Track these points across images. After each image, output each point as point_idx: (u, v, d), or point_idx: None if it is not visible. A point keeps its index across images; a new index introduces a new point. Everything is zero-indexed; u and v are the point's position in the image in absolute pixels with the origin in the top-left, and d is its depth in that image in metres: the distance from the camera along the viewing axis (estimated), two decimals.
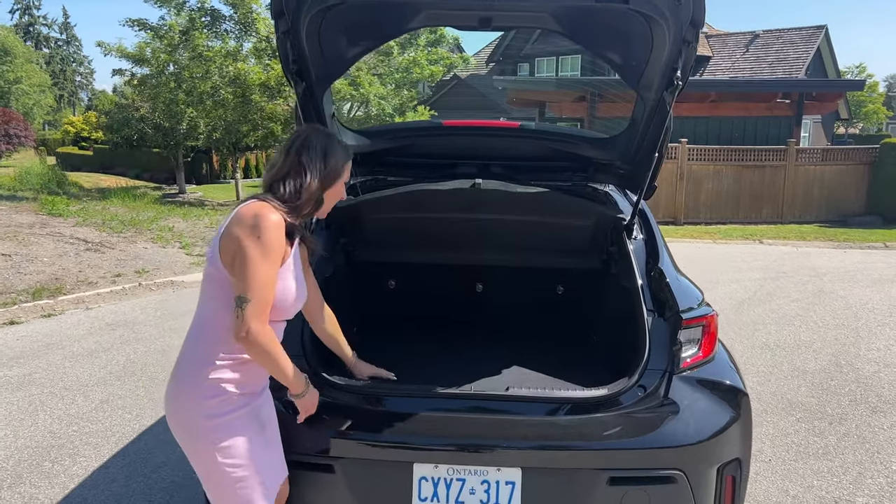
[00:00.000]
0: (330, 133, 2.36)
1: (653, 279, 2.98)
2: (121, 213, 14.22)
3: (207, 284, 2.19)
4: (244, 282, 2.03)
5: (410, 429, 2.56)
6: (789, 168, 17.58)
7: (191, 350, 2.20)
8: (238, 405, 2.19)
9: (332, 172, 2.28)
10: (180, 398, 2.18)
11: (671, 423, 2.58)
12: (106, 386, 5.35)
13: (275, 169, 2.27)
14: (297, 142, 2.27)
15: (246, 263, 2.03)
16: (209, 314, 2.18)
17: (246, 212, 2.09)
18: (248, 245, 2.03)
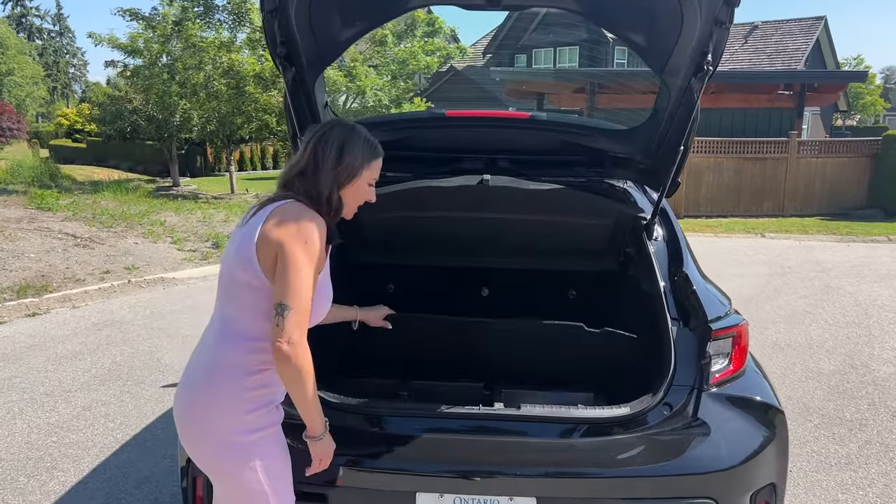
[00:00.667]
0: (355, 127, 2.14)
1: (676, 285, 2.73)
2: (111, 206, 13.91)
3: (243, 292, 1.99)
4: (287, 288, 1.87)
5: (412, 453, 2.31)
6: (791, 160, 17.34)
7: (226, 359, 2.00)
8: (276, 419, 2.08)
9: (349, 169, 2.07)
10: (217, 412, 1.98)
11: (700, 447, 2.34)
12: (89, 391, 5.09)
13: (291, 163, 2.12)
14: (315, 134, 2.09)
15: (290, 269, 1.88)
16: (247, 324, 2.00)
17: (288, 214, 1.96)
18: (295, 250, 1.89)
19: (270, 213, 1.97)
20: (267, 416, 2.02)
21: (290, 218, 1.94)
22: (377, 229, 3.25)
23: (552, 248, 3.28)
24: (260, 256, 1.93)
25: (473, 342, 3.07)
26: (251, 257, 1.94)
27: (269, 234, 1.93)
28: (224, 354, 2.00)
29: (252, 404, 1.98)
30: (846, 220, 16.40)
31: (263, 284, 1.95)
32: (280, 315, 1.85)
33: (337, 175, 2.05)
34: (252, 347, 1.98)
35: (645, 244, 2.91)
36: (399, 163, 3.24)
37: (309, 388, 1.91)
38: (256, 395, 1.99)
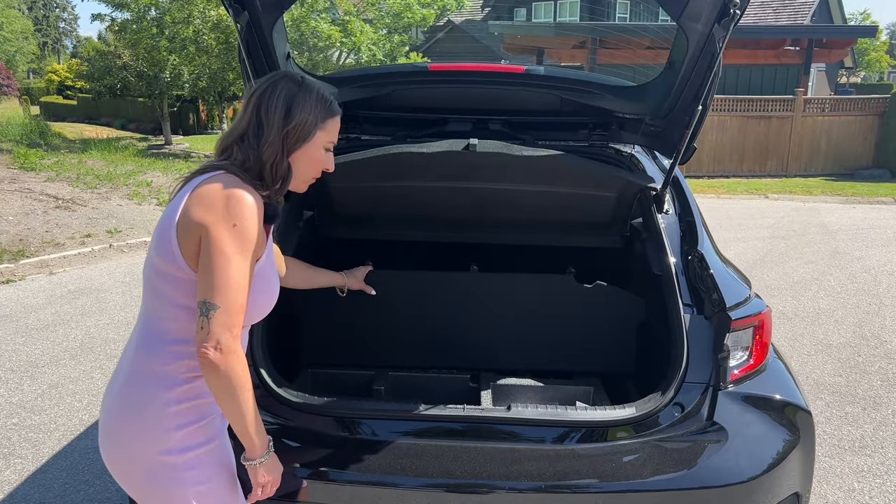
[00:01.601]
0: (305, 79, 1.78)
1: (690, 265, 2.40)
2: (98, 166, 13.48)
3: (165, 286, 1.63)
4: (212, 282, 1.53)
5: (387, 463, 2.01)
6: (796, 119, 16.90)
7: (146, 367, 1.66)
8: (213, 434, 1.72)
9: (298, 131, 1.71)
10: (138, 431, 1.64)
11: (717, 455, 2.04)
12: (58, 366, 4.80)
13: (232, 126, 1.75)
14: (258, 90, 1.73)
15: (215, 259, 1.54)
16: (170, 324, 1.65)
17: (213, 191, 1.60)
18: (221, 235, 1.55)
19: (194, 190, 1.62)
20: (201, 432, 1.69)
21: (216, 195, 1.59)
22: (349, 199, 2.88)
23: (547, 221, 2.92)
24: (181, 243, 1.59)
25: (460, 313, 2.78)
26: (171, 244, 1.59)
27: (191, 214, 1.58)
28: (144, 362, 1.66)
29: (181, 419, 1.64)
30: (851, 181, 16.06)
31: (188, 277, 1.60)
32: (204, 316, 1.52)
33: (285, 137, 1.69)
34: (177, 353, 1.64)
35: (654, 218, 2.57)
36: (375, 124, 2.88)
37: (243, 401, 1.57)
38: (186, 409, 1.65)
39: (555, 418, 2.10)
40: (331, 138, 1.80)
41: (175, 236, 1.59)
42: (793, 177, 16.86)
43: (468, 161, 2.48)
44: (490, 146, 2.39)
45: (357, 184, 2.71)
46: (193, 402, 1.66)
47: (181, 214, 1.59)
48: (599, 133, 2.84)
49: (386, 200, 2.82)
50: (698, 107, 2.34)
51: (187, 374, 1.65)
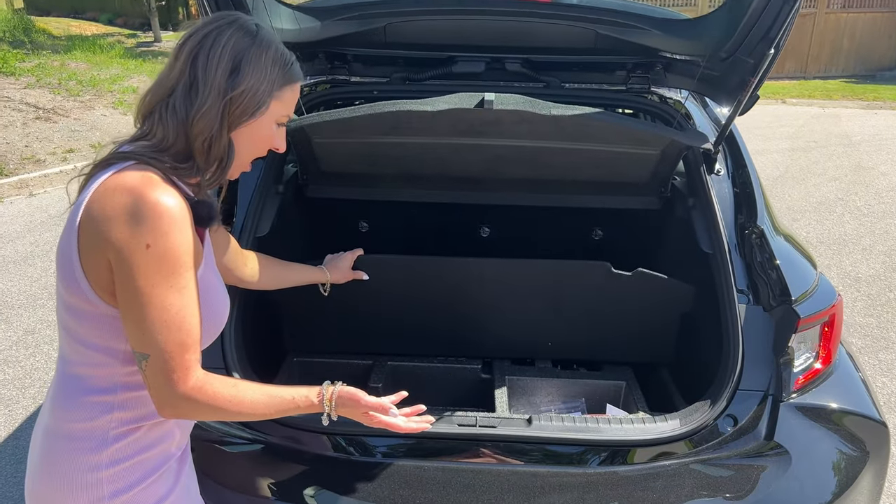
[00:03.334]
0: (261, 31, 1.31)
1: (747, 243, 2.01)
2: (81, 69, 12.79)
3: (72, 321, 1.25)
4: (135, 328, 1.18)
5: (375, 491, 1.69)
6: (819, 16, 16.00)
7: (61, 427, 1.28)
8: (164, 491, 1.37)
9: (246, 99, 1.26)
10: None
11: (779, 483, 1.71)
12: (35, 308, 4.48)
13: (157, 81, 1.28)
14: (191, 39, 1.26)
15: (131, 297, 1.16)
16: (84, 369, 1.26)
17: (113, 196, 1.16)
18: (131, 262, 1.14)
19: (93, 195, 1.18)
20: (148, 494, 1.33)
21: (118, 203, 1.15)
22: (340, 158, 2.42)
23: (572, 180, 2.46)
24: (85, 267, 1.19)
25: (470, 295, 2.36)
26: (74, 270, 1.19)
27: (91, 230, 1.16)
28: (62, 418, 1.28)
29: (118, 484, 1.28)
30: (873, 83, 15.34)
31: (100, 311, 1.22)
32: (140, 369, 1.20)
33: (227, 105, 1.25)
34: (100, 404, 1.27)
35: (704, 181, 2.16)
36: (367, 63, 2.41)
37: (248, 408, 1.29)
38: (124, 470, 1.29)
39: (583, 436, 1.76)
40: (286, 111, 1.36)
41: (77, 259, 1.18)
42: (811, 79, 16.14)
43: (482, 118, 2.03)
44: (509, 102, 1.93)
45: (348, 139, 2.26)
46: (132, 461, 1.30)
47: (83, 234, 1.18)
48: (640, 75, 2.37)
49: (383, 157, 2.37)
50: (770, 50, 1.88)
51: (119, 430, 1.28)
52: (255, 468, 1.77)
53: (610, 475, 1.74)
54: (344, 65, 2.45)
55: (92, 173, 1.24)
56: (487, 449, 1.78)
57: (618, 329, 2.31)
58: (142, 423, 1.31)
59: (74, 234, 1.19)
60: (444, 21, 2.31)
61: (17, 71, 11.98)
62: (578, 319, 2.33)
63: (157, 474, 1.35)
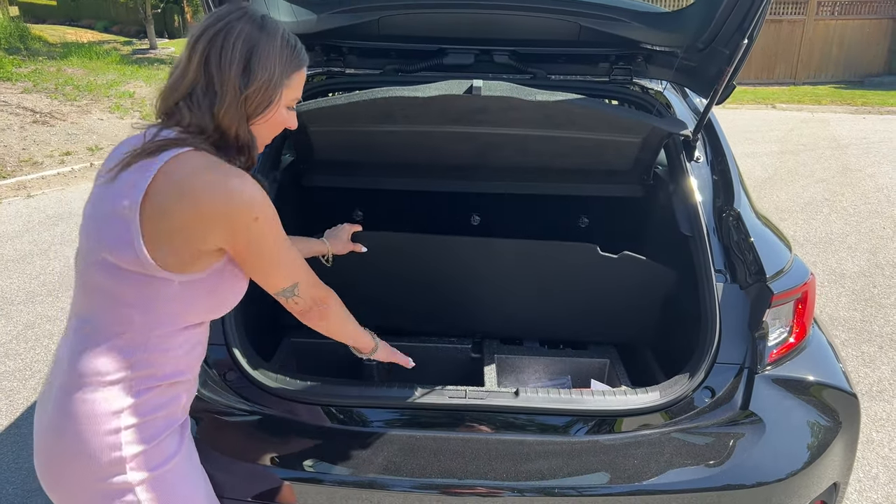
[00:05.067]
0: (267, 20, 1.40)
1: (724, 225, 2.10)
2: (78, 75, 12.86)
3: (111, 281, 1.34)
4: (286, 269, 1.48)
5: (376, 461, 1.77)
6: (808, 23, 16.17)
7: (81, 383, 1.36)
8: (176, 447, 1.47)
9: (262, 92, 1.37)
10: (76, 462, 1.36)
11: (754, 450, 1.80)
12: (34, 304, 4.54)
13: (174, 79, 1.37)
14: (203, 37, 1.34)
15: (268, 255, 1.42)
16: (115, 327, 1.36)
17: (205, 186, 1.31)
18: (253, 234, 1.36)
19: (160, 172, 1.30)
20: (158, 452, 1.42)
21: (214, 188, 1.30)
22: (335, 146, 2.51)
23: (558, 167, 2.56)
24: (150, 238, 1.30)
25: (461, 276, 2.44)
26: (131, 239, 1.29)
27: (175, 206, 1.29)
28: (84, 375, 1.36)
29: (133, 439, 1.37)
30: (861, 89, 15.52)
31: (150, 274, 1.32)
32: (291, 296, 1.51)
33: (245, 102, 1.35)
34: (126, 364, 1.36)
35: (683, 167, 2.25)
36: (361, 55, 2.50)
37: (345, 324, 1.69)
38: (139, 426, 1.38)
39: (568, 406, 1.85)
40: (296, 95, 1.47)
41: (139, 230, 1.29)
42: (801, 84, 16.30)
43: (470, 104, 2.13)
44: (496, 88, 2.02)
45: (342, 128, 2.35)
46: (146, 419, 1.39)
47: (149, 208, 1.29)
48: (623, 67, 2.47)
49: (376, 146, 2.46)
50: (743, 40, 1.98)
51: (139, 387, 1.37)
52: (254, 438, 1.84)
53: (593, 443, 1.82)
54: (339, 57, 2.54)
55: (137, 154, 1.32)
56: (476, 419, 1.86)
57: (603, 309, 2.40)
58: (161, 382, 1.40)
59: (137, 210, 1.28)
60: (435, 14, 2.40)
61: (14, 76, 12.04)
62: (566, 299, 2.41)
63: (165, 434, 1.43)
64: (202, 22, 1.38)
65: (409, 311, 2.46)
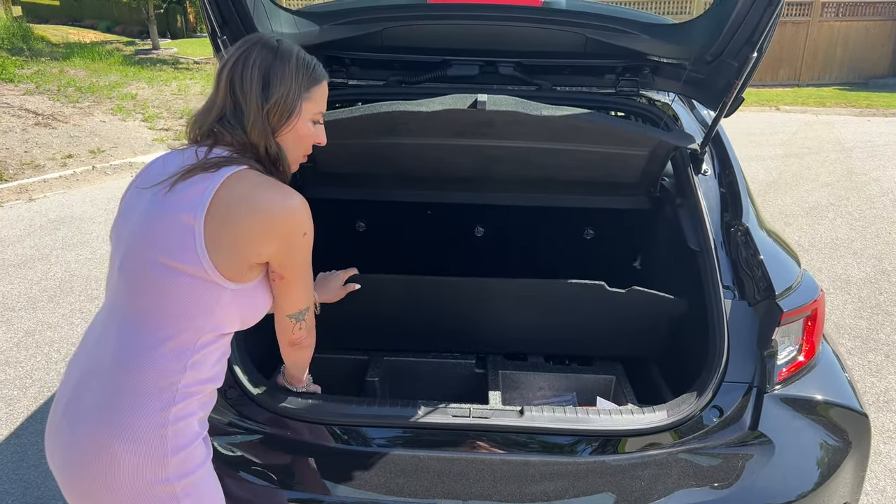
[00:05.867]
0: (281, 45, 1.55)
1: (732, 240, 2.07)
2: (80, 76, 12.86)
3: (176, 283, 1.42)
4: (301, 294, 1.62)
5: (378, 481, 1.74)
6: (812, 25, 16.13)
7: (145, 380, 1.40)
8: (208, 452, 1.53)
9: (281, 106, 1.50)
10: (134, 459, 1.37)
11: (763, 471, 1.77)
12: (35, 310, 4.52)
13: (206, 107, 1.56)
14: (227, 63, 1.52)
15: (299, 275, 1.58)
16: (170, 330, 1.42)
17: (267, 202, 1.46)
18: (296, 251, 1.54)
19: (222, 186, 1.42)
20: (197, 453, 1.46)
21: (275, 207, 1.46)
22: (337, 157, 2.48)
23: (563, 179, 2.52)
24: (211, 244, 1.40)
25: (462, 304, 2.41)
26: (194, 245, 1.40)
27: (240, 225, 1.43)
28: (135, 375, 1.39)
29: (178, 440, 1.41)
30: (866, 91, 15.47)
31: (211, 280, 1.42)
32: (300, 320, 1.65)
33: (267, 116, 1.49)
34: (179, 366, 1.42)
35: (691, 181, 2.22)
36: (364, 67, 2.47)
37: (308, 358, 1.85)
38: (184, 428, 1.42)
39: (574, 426, 1.82)
40: (319, 108, 1.59)
41: (203, 240, 1.40)
42: (805, 86, 16.26)
43: (475, 118, 2.10)
44: (501, 103, 2.00)
45: (345, 141, 2.32)
46: (186, 422, 1.43)
47: (212, 216, 1.40)
48: (629, 78, 2.44)
49: (379, 158, 2.43)
50: (752, 53, 1.94)
51: (186, 390, 1.41)
52: (255, 457, 1.82)
53: (599, 464, 1.79)
54: (342, 68, 2.52)
55: (198, 171, 1.43)
56: (481, 439, 1.83)
57: (610, 335, 2.38)
58: (202, 386, 1.45)
59: (201, 218, 1.40)
60: (439, 26, 2.38)
61: (16, 78, 12.05)
62: (572, 325, 2.39)
63: (200, 438, 1.47)
64: (226, 56, 1.54)
65: (413, 336, 2.44)
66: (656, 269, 2.22)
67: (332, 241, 2.49)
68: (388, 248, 2.52)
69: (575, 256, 2.42)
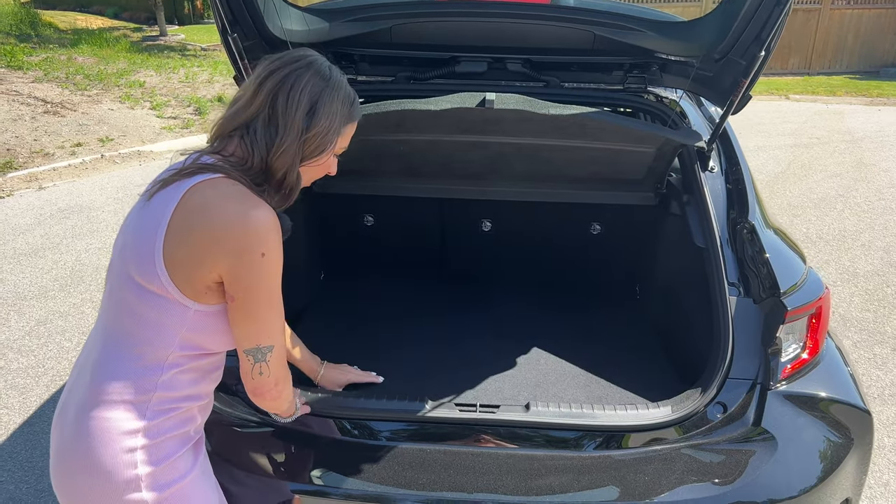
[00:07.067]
0: (334, 72, 1.48)
1: (738, 238, 2.08)
2: (88, 64, 12.88)
3: (138, 301, 1.36)
4: (260, 328, 1.40)
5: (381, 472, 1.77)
6: (824, 12, 16.00)
7: (102, 398, 1.37)
8: (194, 461, 1.51)
9: (319, 138, 1.43)
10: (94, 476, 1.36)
11: (766, 467, 1.79)
12: (46, 299, 4.57)
13: (235, 110, 1.43)
14: (273, 75, 1.42)
15: (256, 302, 1.38)
16: (140, 348, 1.38)
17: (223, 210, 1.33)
18: (252, 271, 1.34)
19: (186, 195, 1.34)
20: (180, 464, 1.45)
21: (231, 217, 1.32)
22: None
23: (571, 175, 2.54)
24: (171, 264, 1.33)
25: None
26: (154, 262, 1.33)
27: (193, 232, 1.32)
28: (106, 391, 1.37)
29: (152, 457, 1.39)
30: (876, 80, 15.36)
31: (174, 299, 1.35)
32: (262, 361, 1.42)
33: (304, 145, 1.41)
34: (148, 383, 1.38)
35: (697, 178, 2.23)
36: (373, 63, 2.48)
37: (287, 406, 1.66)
38: (154, 445, 1.40)
39: (579, 421, 1.85)
40: (344, 144, 1.54)
41: (161, 254, 1.32)
42: (815, 74, 16.16)
43: (483, 116, 2.11)
44: (509, 101, 2.01)
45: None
46: (160, 439, 1.41)
47: (171, 230, 1.33)
48: (637, 75, 2.44)
49: (388, 153, 2.45)
50: (760, 52, 1.95)
51: (157, 408, 1.39)
52: (266, 450, 1.85)
53: (604, 459, 1.82)
54: (351, 64, 2.53)
55: (173, 177, 1.37)
56: (487, 433, 1.86)
57: None
58: (176, 405, 1.42)
59: (162, 232, 1.33)
60: (447, 23, 2.39)
61: (25, 65, 12.08)
62: None
63: (180, 453, 1.45)
64: (272, 62, 1.44)
65: None
66: (663, 266, 2.23)
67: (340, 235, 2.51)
68: (396, 241, 2.54)
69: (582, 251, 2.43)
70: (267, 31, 2.20)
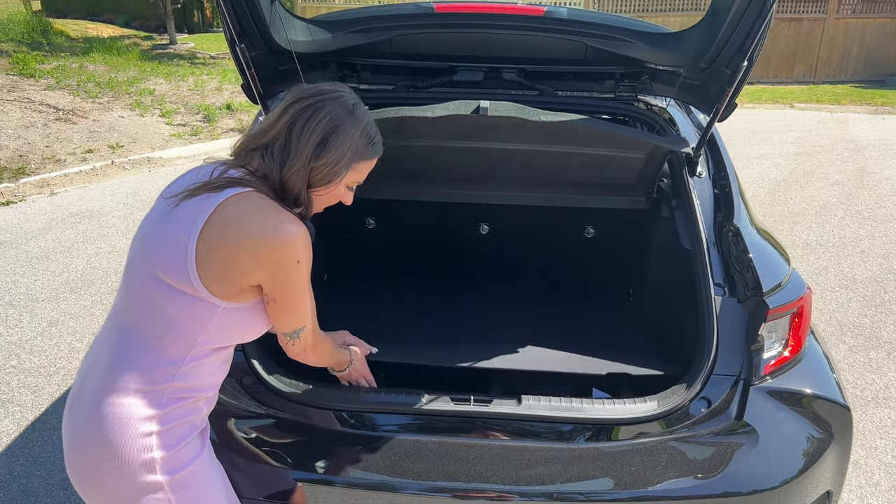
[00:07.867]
0: (358, 107, 1.59)
1: (724, 240, 2.16)
2: (100, 72, 13.05)
3: (163, 299, 1.47)
4: (295, 316, 1.62)
5: (383, 464, 1.86)
6: (829, 21, 16.06)
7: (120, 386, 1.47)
8: (200, 448, 1.60)
9: (326, 168, 1.53)
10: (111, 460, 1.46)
11: (748, 459, 1.87)
12: (58, 301, 4.68)
13: (259, 129, 1.56)
14: (298, 103, 1.54)
15: (291, 300, 1.56)
16: (161, 340, 1.48)
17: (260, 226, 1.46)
18: (290, 274, 1.51)
19: (220, 207, 1.44)
20: (190, 448, 1.55)
21: (267, 232, 1.45)
22: None
23: (564, 180, 2.64)
24: (202, 266, 1.44)
25: None
26: (186, 265, 1.44)
27: (228, 240, 1.44)
28: (124, 379, 1.47)
29: (167, 440, 1.49)
30: (882, 88, 15.42)
31: (201, 297, 1.46)
32: (295, 337, 1.66)
33: (310, 172, 1.52)
34: (165, 374, 1.48)
35: (685, 183, 2.31)
36: (374, 72, 2.58)
37: (333, 353, 1.94)
38: (167, 431, 1.50)
39: (569, 415, 1.93)
40: (358, 179, 1.64)
41: (194, 257, 1.43)
42: (821, 83, 16.21)
43: (478, 122, 2.21)
44: (503, 108, 2.11)
45: None
46: (171, 425, 1.51)
47: (204, 238, 1.44)
48: (627, 84, 2.54)
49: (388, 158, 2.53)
50: (743, 62, 2.04)
51: (172, 395, 1.50)
52: (268, 441, 1.94)
53: (593, 450, 1.90)
54: (353, 73, 2.63)
55: (202, 188, 1.48)
56: (480, 425, 1.94)
57: None
58: (189, 395, 1.52)
59: (194, 239, 1.43)
60: (445, 34, 2.49)
61: (38, 73, 12.25)
62: None
63: (188, 440, 1.55)
64: (300, 90, 1.56)
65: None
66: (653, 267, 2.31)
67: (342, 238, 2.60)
68: (396, 244, 2.63)
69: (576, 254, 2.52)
70: (273, 42, 2.31)
